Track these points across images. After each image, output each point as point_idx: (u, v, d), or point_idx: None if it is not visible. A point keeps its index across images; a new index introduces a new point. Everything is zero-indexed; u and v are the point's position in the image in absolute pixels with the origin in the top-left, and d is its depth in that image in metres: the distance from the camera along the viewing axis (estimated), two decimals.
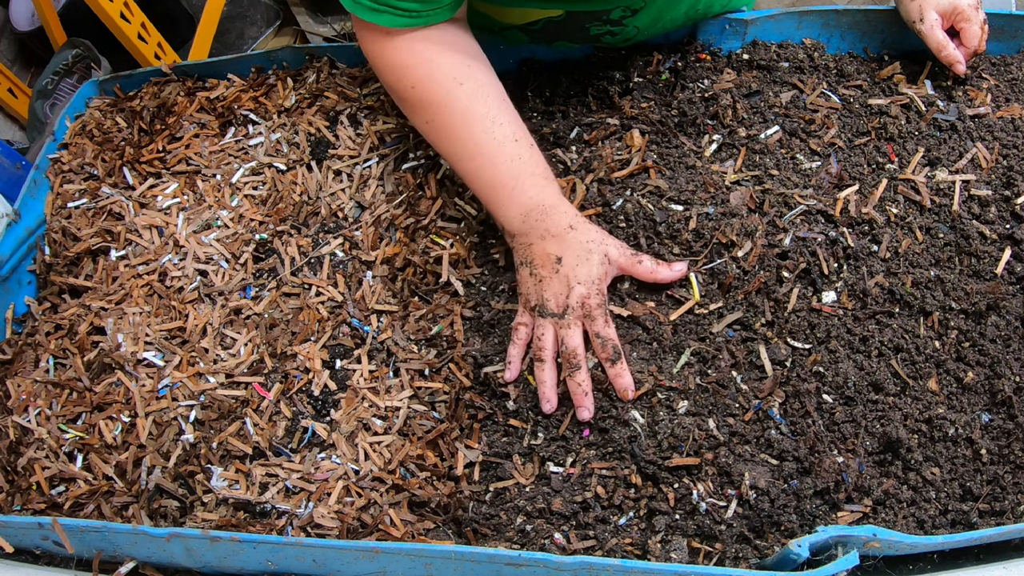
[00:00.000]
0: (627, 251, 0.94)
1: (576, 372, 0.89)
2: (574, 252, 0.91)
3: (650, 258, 0.94)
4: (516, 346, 0.94)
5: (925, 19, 1.10)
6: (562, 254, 0.91)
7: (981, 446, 0.90)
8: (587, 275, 0.91)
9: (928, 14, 1.10)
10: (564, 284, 0.91)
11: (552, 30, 1.17)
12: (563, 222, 0.93)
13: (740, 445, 0.88)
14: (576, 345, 0.90)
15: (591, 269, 0.91)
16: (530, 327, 0.94)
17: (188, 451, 1.01)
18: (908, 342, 0.95)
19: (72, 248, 1.23)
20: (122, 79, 1.44)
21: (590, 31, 1.17)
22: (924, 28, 1.10)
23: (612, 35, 1.18)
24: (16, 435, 1.07)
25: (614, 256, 0.93)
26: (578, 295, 0.90)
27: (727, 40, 1.22)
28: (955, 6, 1.10)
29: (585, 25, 1.15)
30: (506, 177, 0.95)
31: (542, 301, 0.92)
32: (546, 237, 0.92)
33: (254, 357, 1.07)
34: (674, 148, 1.10)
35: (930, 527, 0.87)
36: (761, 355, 0.93)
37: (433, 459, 0.96)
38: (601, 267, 0.91)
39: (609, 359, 0.89)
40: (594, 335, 0.90)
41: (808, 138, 1.09)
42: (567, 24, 1.15)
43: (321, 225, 1.17)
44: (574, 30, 1.17)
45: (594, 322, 0.90)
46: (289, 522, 0.93)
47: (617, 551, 0.85)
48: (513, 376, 0.94)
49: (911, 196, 1.03)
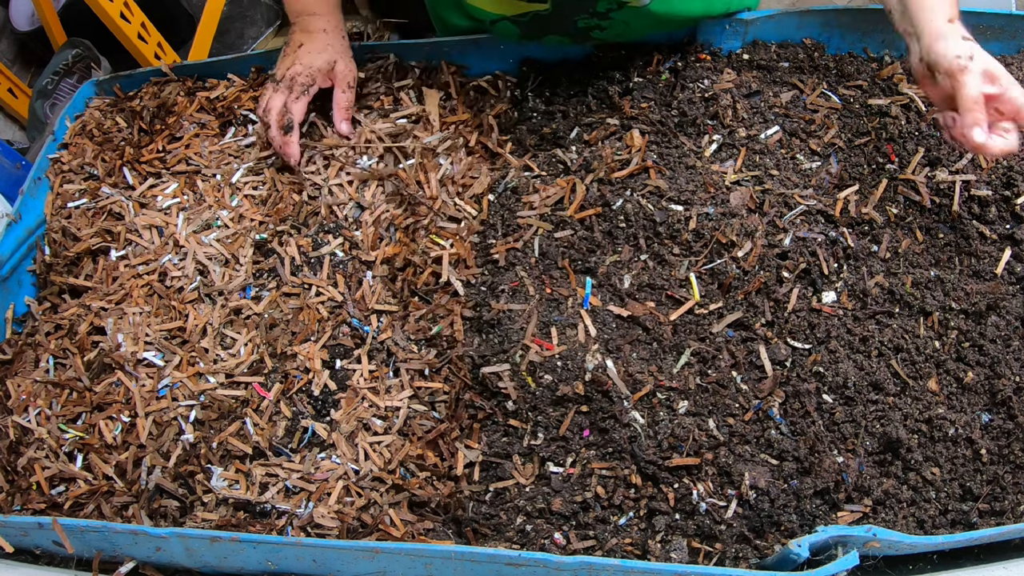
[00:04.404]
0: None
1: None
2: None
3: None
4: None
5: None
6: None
7: (981, 446, 0.90)
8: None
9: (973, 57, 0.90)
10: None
11: (541, 23, 1.18)
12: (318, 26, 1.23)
13: (740, 445, 0.88)
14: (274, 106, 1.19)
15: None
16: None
17: (188, 451, 1.01)
18: (908, 342, 0.95)
19: (72, 248, 1.23)
20: (122, 79, 1.44)
21: (578, 23, 1.17)
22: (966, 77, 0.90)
23: (601, 29, 1.18)
24: (16, 435, 1.07)
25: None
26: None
27: (727, 40, 1.22)
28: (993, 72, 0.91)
29: (573, 18, 1.16)
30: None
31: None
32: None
33: (254, 357, 1.07)
34: (674, 148, 1.10)
35: (930, 527, 0.87)
36: (761, 355, 0.93)
37: (433, 459, 0.96)
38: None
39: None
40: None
41: (808, 138, 1.09)
42: (554, 17, 1.16)
43: (321, 225, 1.17)
44: (562, 23, 1.17)
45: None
46: (289, 522, 0.93)
47: (617, 551, 0.85)
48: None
49: (911, 196, 1.03)
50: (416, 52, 1.33)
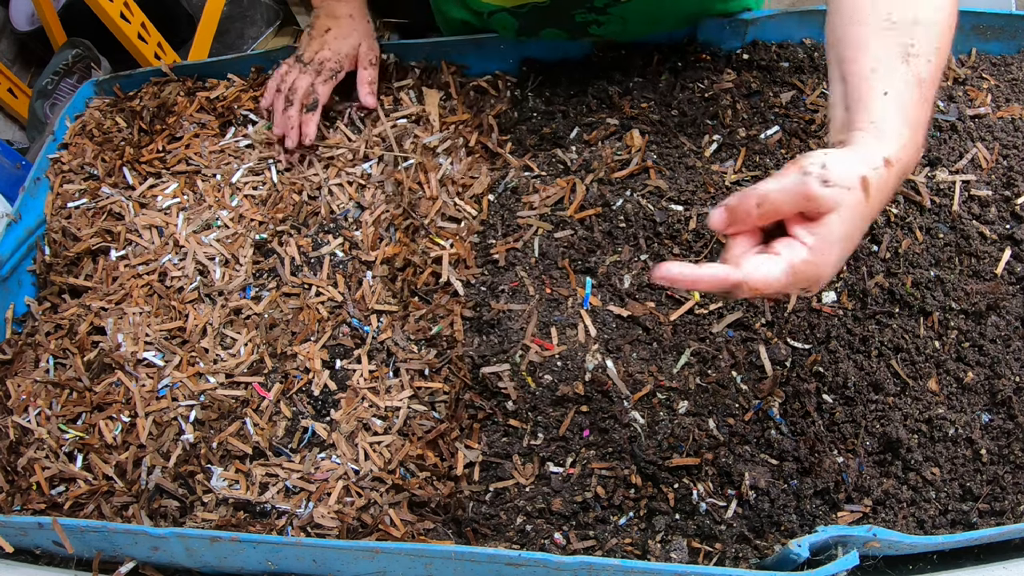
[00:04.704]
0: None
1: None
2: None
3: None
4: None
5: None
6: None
7: (981, 446, 0.90)
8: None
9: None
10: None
11: (539, 16, 1.18)
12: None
13: (740, 445, 0.88)
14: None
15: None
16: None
17: (188, 451, 1.01)
18: (908, 342, 0.95)
19: (72, 248, 1.23)
20: (122, 79, 1.44)
21: (575, 18, 1.17)
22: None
23: (598, 25, 1.18)
24: (16, 435, 1.07)
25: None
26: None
27: (727, 40, 1.22)
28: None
29: (571, 12, 1.16)
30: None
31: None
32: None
33: (254, 357, 1.07)
34: (674, 148, 1.10)
35: (930, 527, 0.87)
36: (761, 355, 0.93)
37: (433, 459, 0.96)
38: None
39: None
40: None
41: (808, 138, 1.09)
42: (552, 10, 1.16)
43: (321, 225, 1.17)
44: (560, 17, 1.17)
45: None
46: (289, 522, 0.93)
47: (617, 551, 0.85)
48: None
49: (911, 196, 1.03)
50: (416, 52, 1.33)
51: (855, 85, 0.71)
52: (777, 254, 0.65)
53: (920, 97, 0.70)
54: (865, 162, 0.65)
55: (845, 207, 0.64)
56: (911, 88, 0.70)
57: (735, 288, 0.64)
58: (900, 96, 0.69)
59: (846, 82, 0.73)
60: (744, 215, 0.66)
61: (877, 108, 0.69)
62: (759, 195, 0.65)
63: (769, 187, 0.65)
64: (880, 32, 0.72)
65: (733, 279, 0.64)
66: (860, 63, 0.72)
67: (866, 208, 0.65)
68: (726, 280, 0.64)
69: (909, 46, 0.71)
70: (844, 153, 0.66)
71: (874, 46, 0.72)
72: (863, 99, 0.70)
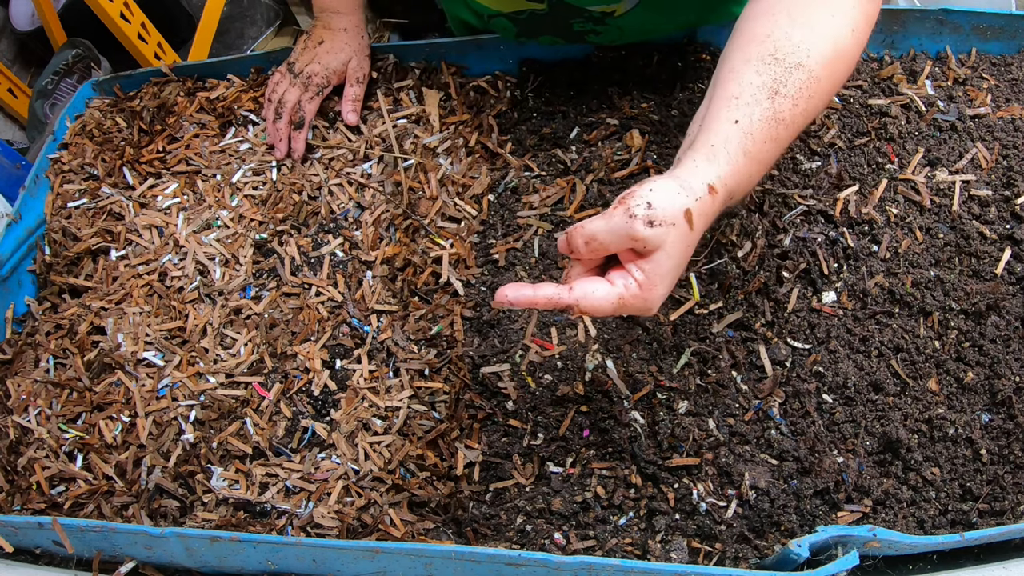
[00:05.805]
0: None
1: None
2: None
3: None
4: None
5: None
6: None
7: (981, 446, 0.90)
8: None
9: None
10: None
11: (537, 22, 1.18)
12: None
13: (740, 445, 0.88)
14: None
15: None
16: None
17: (188, 451, 1.01)
18: (908, 342, 0.95)
19: (72, 248, 1.23)
20: (122, 79, 1.44)
21: (573, 27, 1.17)
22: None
23: (596, 34, 1.18)
24: (16, 435, 1.07)
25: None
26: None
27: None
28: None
29: (568, 21, 1.16)
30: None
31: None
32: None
33: (254, 357, 1.07)
34: (674, 148, 1.10)
35: (930, 527, 0.87)
36: (761, 355, 0.93)
37: (433, 459, 0.96)
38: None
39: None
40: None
41: (808, 138, 1.09)
42: (550, 17, 1.16)
43: (321, 225, 1.17)
44: (557, 24, 1.18)
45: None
46: (289, 522, 0.93)
47: (617, 551, 0.85)
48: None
49: (911, 196, 1.03)
50: (416, 52, 1.33)
51: (715, 107, 0.73)
52: (611, 283, 0.69)
53: (772, 135, 0.72)
54: (689, 192, 0.68)
55: (671, 243, 0.67)
56: (766, 124, 0.72)
57: (568, 309, 0.69)
58: (750, 127, 0.71)
59: (710, 102, 0.75)
60: (576, 249, 0.70)
61: (722, 132, 0.71)
62: (588, 234, 0.68)
63: (597, 227, 0.68)
64: (759, 65, 0.74)
65: (565, 301, 0.69)
66: (728, 88, 0.74)
67: (691, 236, 0.69)
68: (560, 302, 0.69)
69: (781, 85, 0.73)
70: (668, 185, 0.68)
71: (748, 77, 0.73)
72: (714, 121, 0.72)
